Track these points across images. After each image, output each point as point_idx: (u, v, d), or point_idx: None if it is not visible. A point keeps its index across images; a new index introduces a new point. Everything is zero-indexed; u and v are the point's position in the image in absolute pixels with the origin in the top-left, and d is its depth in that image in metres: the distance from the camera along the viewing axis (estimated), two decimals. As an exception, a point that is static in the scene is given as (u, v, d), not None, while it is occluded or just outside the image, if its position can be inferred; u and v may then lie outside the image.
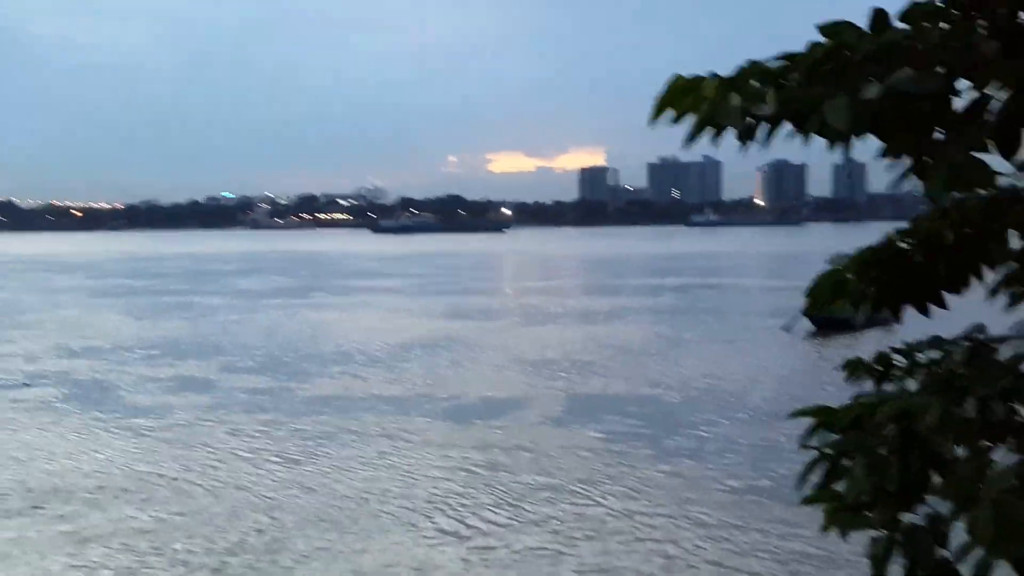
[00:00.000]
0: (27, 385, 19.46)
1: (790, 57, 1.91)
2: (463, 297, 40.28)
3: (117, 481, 12.11)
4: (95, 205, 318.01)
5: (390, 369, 21.13)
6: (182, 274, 61.66)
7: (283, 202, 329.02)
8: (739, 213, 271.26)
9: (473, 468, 12.56)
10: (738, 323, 29.50)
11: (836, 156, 1.95)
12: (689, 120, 1.99)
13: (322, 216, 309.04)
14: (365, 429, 14.99)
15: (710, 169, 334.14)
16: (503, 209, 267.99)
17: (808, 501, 2.18)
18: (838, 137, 1.82)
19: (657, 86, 2.01)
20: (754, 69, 1.94)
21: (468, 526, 10.21)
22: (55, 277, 59.42)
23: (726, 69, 1.99)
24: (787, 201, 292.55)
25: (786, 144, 1.94)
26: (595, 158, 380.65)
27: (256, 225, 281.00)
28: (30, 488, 11.76)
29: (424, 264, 71.60)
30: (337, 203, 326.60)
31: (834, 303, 2.28)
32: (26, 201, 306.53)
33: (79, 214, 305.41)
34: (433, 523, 10.30)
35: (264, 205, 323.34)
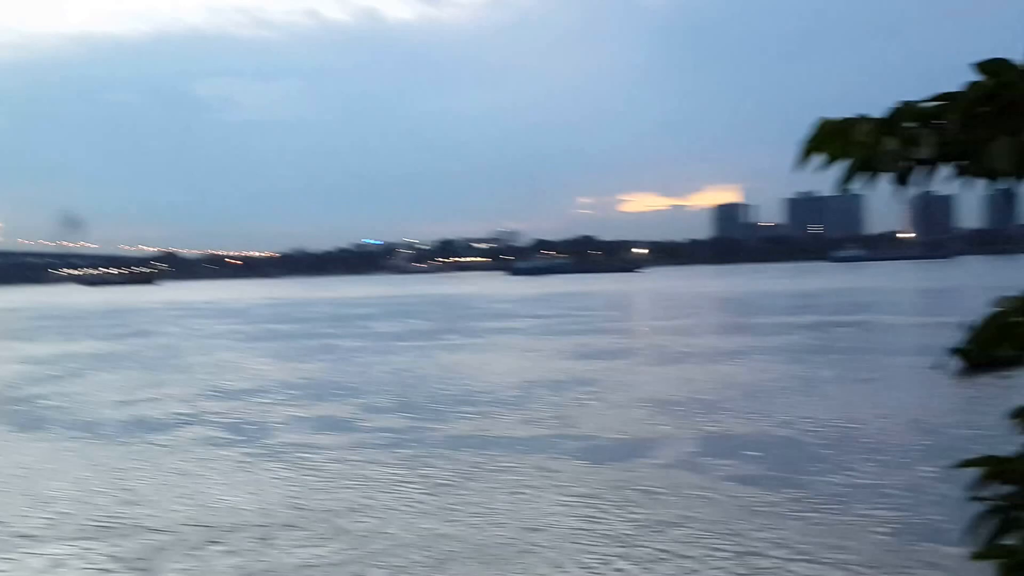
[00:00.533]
0: (187, 425, 20.68)
1: (947, 97, 1.86)
2: (593, 337, 40.18)
3: (280, 517, 12.62)
4: (251, 253, 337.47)
5: (520, 409, 21.25)
6: (325, 318, 64.30)
7: (423, 247, 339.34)
8: (884, 247, 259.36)
9: (608, 508, 12.42)
10: (881, 362, 28.07)
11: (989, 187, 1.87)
12: (839, 163, 1.95)
13: (460, 259, 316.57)
14: (501, 467, 15.12)
15: (851, 202, 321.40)
16: (636, 249, 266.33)
17: (979, 556, 2.06)
18: (1000, 178, 1.76)
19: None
20: (908, 110, 1.89)
21: (616, 570, 10.09)
22: (211, 322, 63.19)
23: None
24: (936, 233, 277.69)
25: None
26: (729, 195, 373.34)
27: (398, 270, 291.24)
28: (202, 524, 12.40)
29: (556, 305, 71.94)
30: (474, 246, 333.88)
31: (1000, 346, 2.18)
32: (188, 250, 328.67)
33: (237, 262, 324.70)
34: (578, 561, 10.26)
35: (405, 250, 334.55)
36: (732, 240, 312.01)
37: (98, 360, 36.86)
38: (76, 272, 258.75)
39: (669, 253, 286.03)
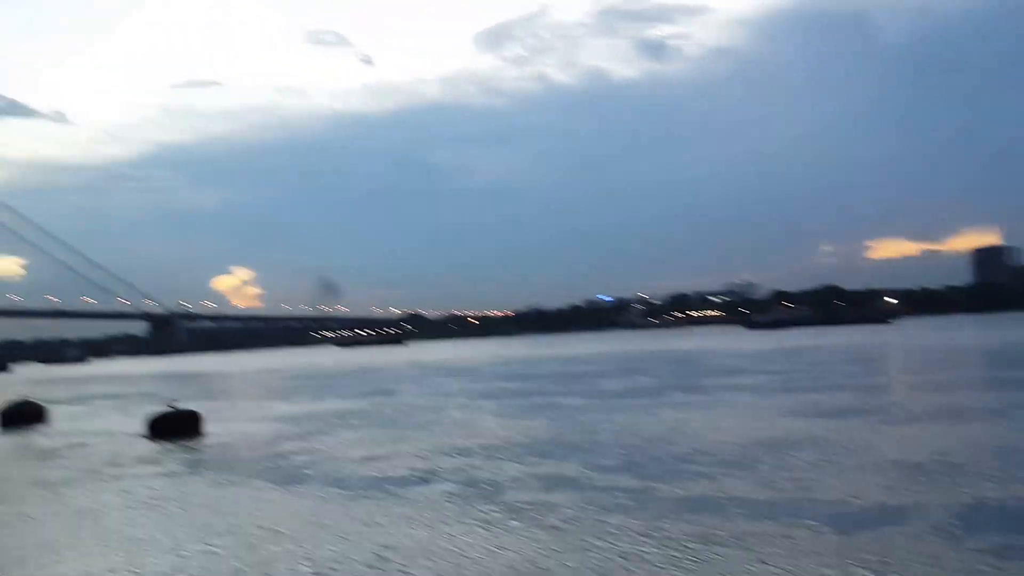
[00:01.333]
0: (426, 482, 21.64)
1: None
2: (831, 394, 37.79)
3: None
4: (488, 313, 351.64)
5: (752, 470, 20.35)
6: (553, 376, 65.37)
7: (656, 302, 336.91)
8: None
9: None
10: None
11: None
12: None
13: (694, 314, 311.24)
14: (741, 533, 14.52)
15: None
16: (886, 298, 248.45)
17: None
18: None
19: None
20: None
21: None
22: (447, 380, 66.26)
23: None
24: None
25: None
26: (990, 238, 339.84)
27: (631, 325, 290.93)
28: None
29: (793, 360, 68.59)
30: (708, 300, 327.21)
31: None
32: (431, 311, 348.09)
33: (475, 322, 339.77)
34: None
35: (638, 306, 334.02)
36: (996, 286, 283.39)
37: (341, 418, 39.68)
38: (331, 334, 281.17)
39: (924, 302, 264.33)
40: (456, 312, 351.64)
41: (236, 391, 68.60)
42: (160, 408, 36.96)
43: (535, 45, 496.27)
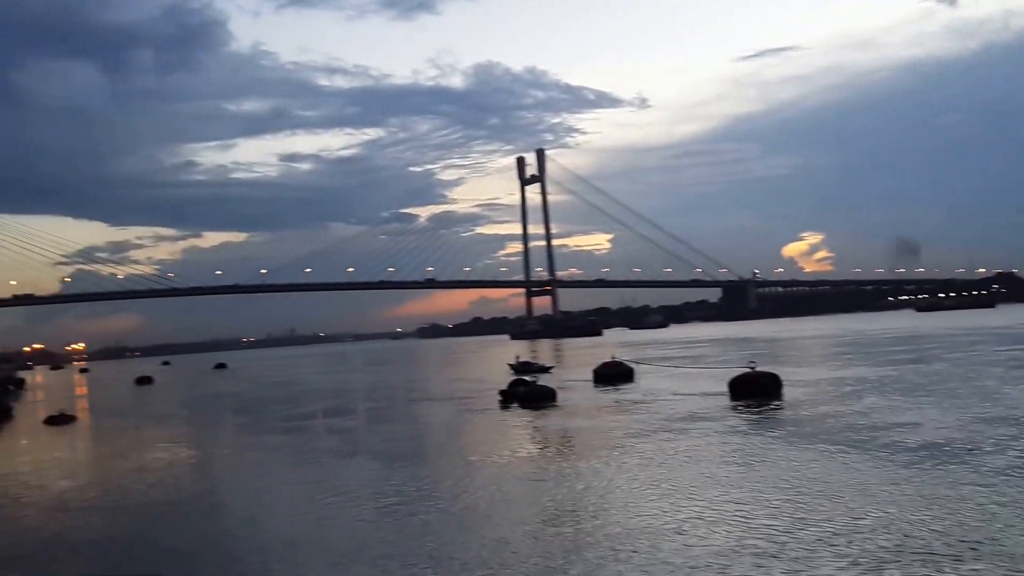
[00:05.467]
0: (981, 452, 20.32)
1: None
2: None
3: None
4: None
5: None
6: None
7: None
8: None
9: None
10: None
11: None
12: None
13: None
14: None
15: None
16: None
17: None
18: None
19: None
20: None
21: None
22: (994, 349, 58.65)
23: None
24: None
25: None
26: None
27: None
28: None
29: None
30: None
31: None
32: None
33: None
34: None
35: None
36: None
37: (861, 384, 39.13)
38: (908, 298, 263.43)
39: None
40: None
41: (801, 355, 69.19)
42: (740, 369, 39.76)
43: None
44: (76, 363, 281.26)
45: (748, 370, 38.81)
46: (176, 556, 16.65)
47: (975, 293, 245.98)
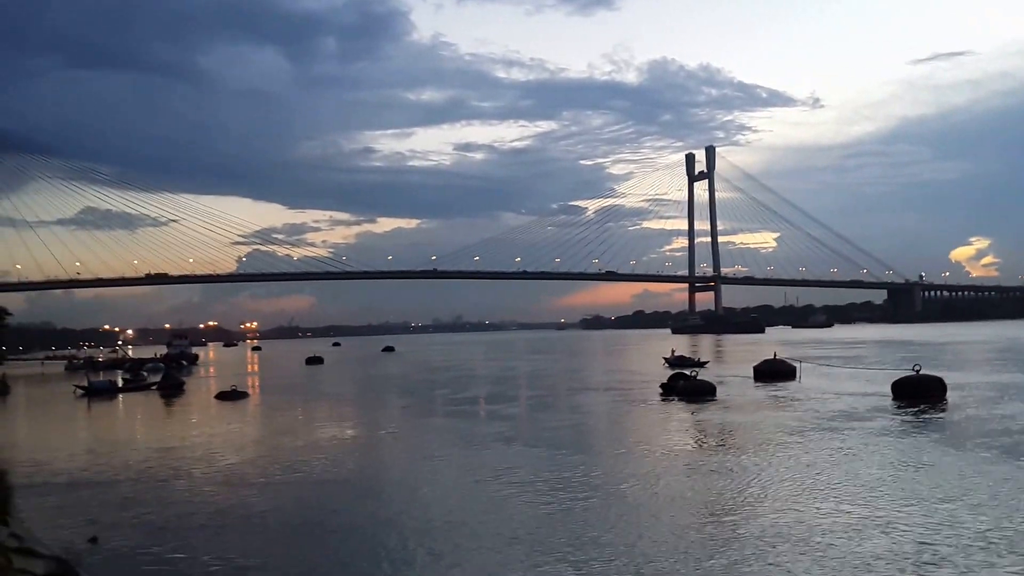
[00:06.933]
0: None
1: None
2: None
3: None
4: None
5: None
6: None
7: None
8: None
9: None
10: None
11: None
12: None
13: None
14: None
15: None
16: None
17: None
18: None
19: None
20: None
21: None
22: None
23: None
24: None
25: None
26: None
27: None
28: None
29: None
30: None
31: None
32: None
33: None
34: None
35: None
36: None
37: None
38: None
39: None
40: None
41: (967, 360, 65.95)
42: (905, 372, 39.05)
43: None
44: (249, 341, 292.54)
45: (913, 373, 38.18)
46: (342, 533, 16.95)
47: None
